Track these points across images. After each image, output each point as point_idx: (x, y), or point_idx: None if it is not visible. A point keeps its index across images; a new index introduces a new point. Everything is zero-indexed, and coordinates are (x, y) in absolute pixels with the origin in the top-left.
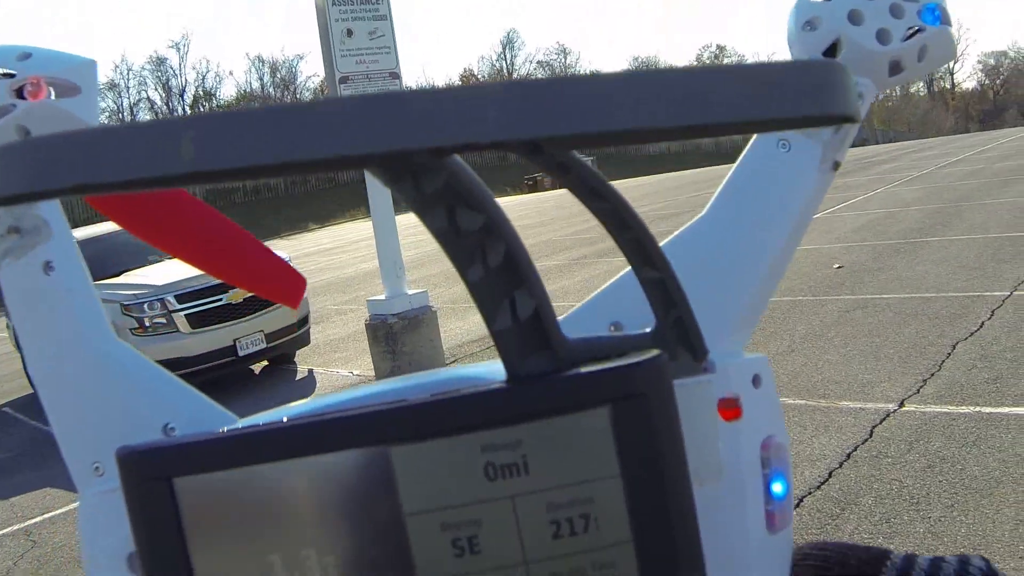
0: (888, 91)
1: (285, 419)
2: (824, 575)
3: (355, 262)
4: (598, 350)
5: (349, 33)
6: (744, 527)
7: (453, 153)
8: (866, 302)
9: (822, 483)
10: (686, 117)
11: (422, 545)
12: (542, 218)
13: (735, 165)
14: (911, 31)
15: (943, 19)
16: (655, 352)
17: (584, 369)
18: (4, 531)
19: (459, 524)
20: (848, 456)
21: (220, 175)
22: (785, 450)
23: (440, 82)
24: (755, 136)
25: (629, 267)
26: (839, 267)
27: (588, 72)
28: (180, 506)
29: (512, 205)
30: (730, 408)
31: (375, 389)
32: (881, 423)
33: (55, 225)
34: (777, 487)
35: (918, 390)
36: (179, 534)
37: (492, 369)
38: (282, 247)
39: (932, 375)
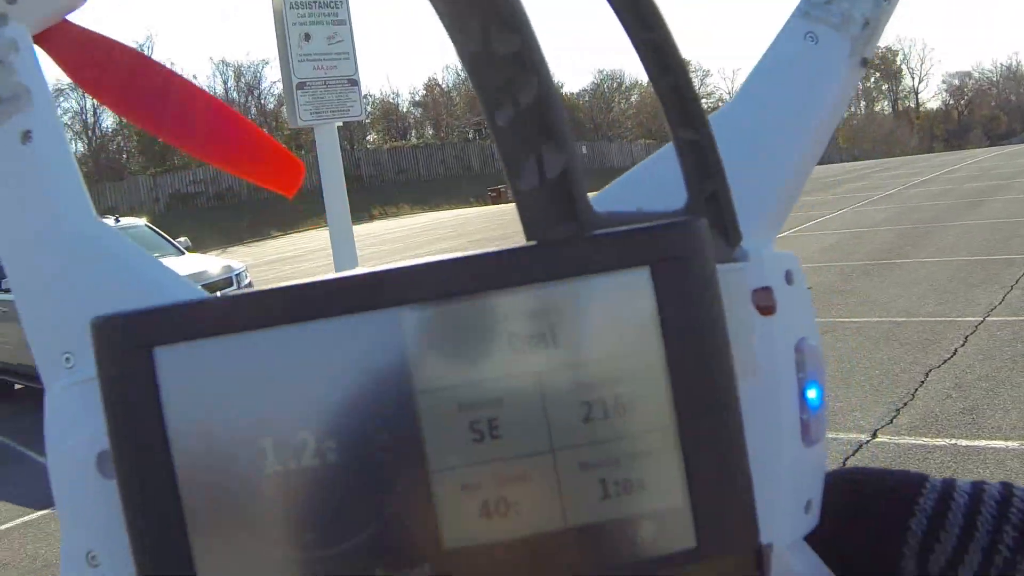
0: (852, 109)
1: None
2: (859, 499)
3: (317, 271)
4: (628, 222)
5: (307, 37)
6: (779, 433)
7: None
8: (835, 325)
9: None
10: None
11: (435, 428)
12: (505, 231)
13: (759, 59)
14: None
15: None
16: (695, 216)
17: (619, 228)
18: None
19: (478, 404)
20: None
21: None
22: (819, 355)
23: (404, 91)
24: (781, 29)
25: (652, 155)
26: (807, 288)
27: None
28: (160, 380)
29: (474, 216)
30: (764, 301)
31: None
32: (854, 454)
33: (37, 94)
34: (812, 394)
35: (891, 420)
36: (158, 414)
37: None
38: (244, 254)
39: (905, 404)
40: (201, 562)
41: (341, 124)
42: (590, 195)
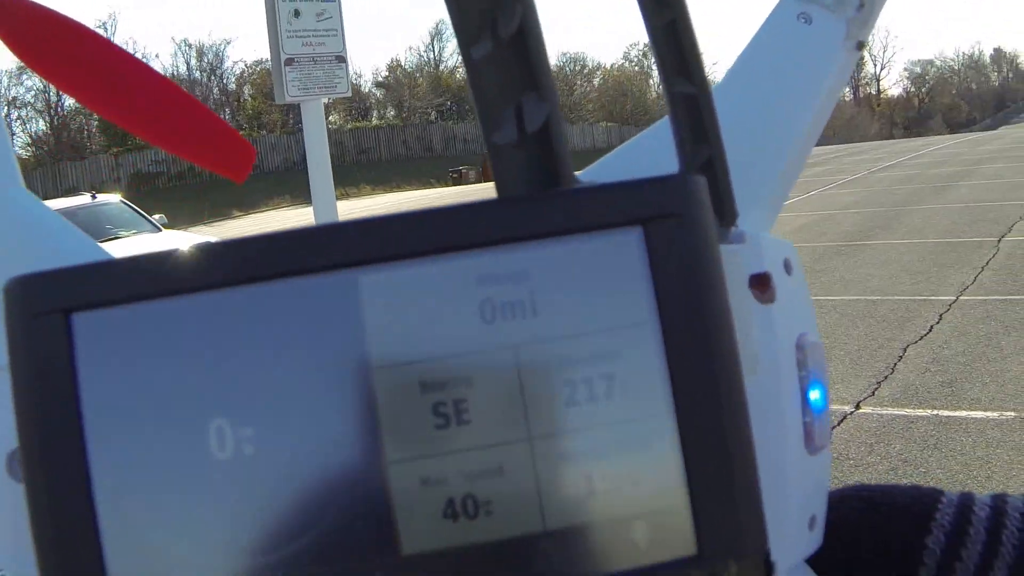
0: None
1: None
2: (871, 518)
3: None
4: None
5: (296, 14)
6: (781, 439)
7: None
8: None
9: None
10: None
11: (394, 411)
12: None
13: (750, 40)
14: None
15: None
16: (691, 174)
17: (607, 183)
18: None
19: (444, 383)
20: None
21: None
22: (822, 352)
23: (367, 73)
24: (773, 9)
25: (640, 132)
26: (774, 218)
27: None
28: (77, 351)
29: (436, 197)
30: (763, 287)
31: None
32: (839, 424)
33: None
34: (815, 395)
35: (873, 392)
36: (73, 392)
37: None
38: (207, 233)
39: (886, 378)
40: (116, 573)
41: (328, 100)
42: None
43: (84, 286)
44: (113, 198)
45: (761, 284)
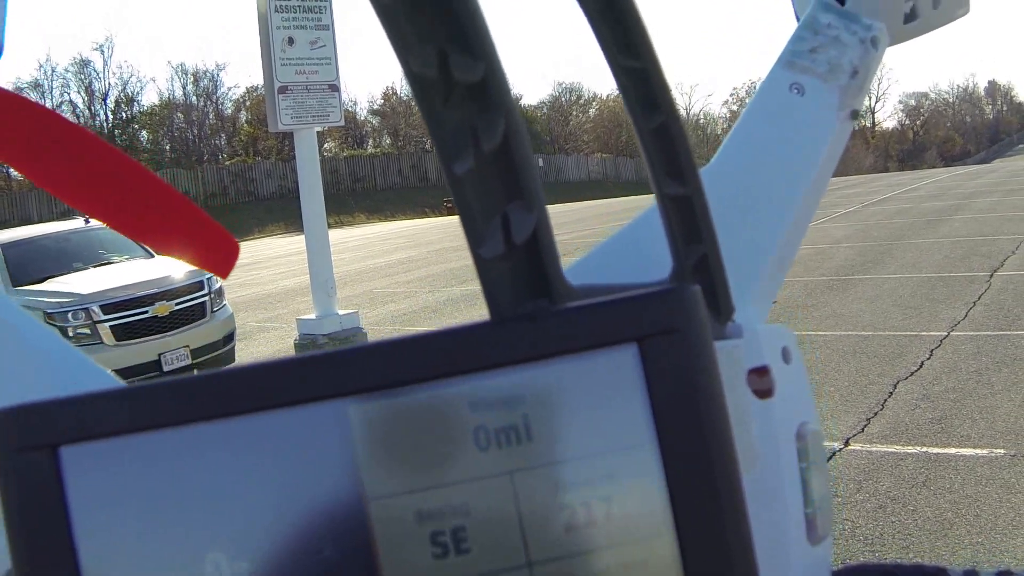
0: None
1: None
2: None
3: (276, 278)
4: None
5: (290, 41)
6: (783, 533)
7: None
8: (802, 339)
9: None
10: None
11: (391, 542)
12: (463, 242)
13: (743, 113)
14: None
15: None
16: (686, 284)
17: (599, 299)
18: None
19: (440, 512)
20: None
21: None
22: (822, 442)
23: (363, 100)
24: (764, 80)
25: (628, 223)
26: (772, 302)
27: None
28: (67, 486)
29: (431, 227)
30: (761, 382)
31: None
32: (827, 461)
33: None
34: (816, 484)
35: (863, 429)
36: (65, 526)
37: None
38: None
39: (876, 414)
40: None
41: (323, 129)
42: None
43: (72, 419)
44: None
45: (760, 378)
